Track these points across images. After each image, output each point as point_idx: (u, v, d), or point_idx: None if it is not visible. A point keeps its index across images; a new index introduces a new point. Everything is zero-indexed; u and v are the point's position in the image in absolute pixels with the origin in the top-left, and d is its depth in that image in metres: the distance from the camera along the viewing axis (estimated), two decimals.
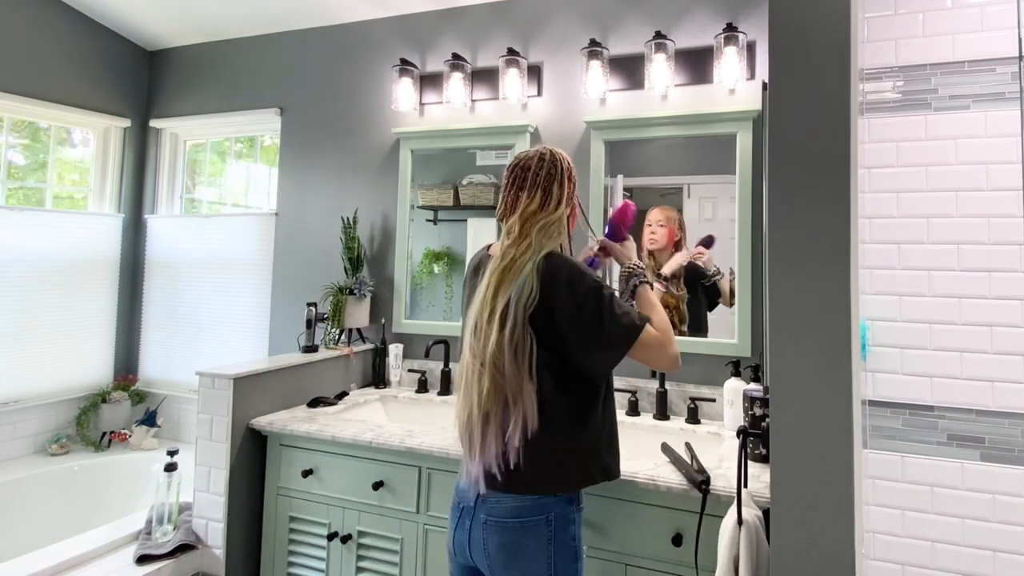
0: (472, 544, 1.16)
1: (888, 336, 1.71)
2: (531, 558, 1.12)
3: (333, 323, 2.28)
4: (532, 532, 1.12)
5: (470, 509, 1.17)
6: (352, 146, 2.55)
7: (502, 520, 1.13)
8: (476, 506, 1.16)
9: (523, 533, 1.12)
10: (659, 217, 2.04)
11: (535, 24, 2.28)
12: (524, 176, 1.22)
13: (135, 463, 2.54)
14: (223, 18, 2.68)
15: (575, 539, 1.16)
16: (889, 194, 1.73)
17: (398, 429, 1.76)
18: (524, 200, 1.20)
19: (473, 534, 1.16)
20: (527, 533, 1.12)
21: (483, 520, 1.15)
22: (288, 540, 1.79)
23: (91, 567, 1.66)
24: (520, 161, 1.24)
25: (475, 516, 1.16)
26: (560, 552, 1.13)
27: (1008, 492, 1.59)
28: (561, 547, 1.14)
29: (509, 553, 1.12)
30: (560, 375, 1.15)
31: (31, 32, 2.57)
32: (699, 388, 1.93)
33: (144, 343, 2.91)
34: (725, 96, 2.00)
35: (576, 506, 1.18)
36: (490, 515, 1.14)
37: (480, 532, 1.15)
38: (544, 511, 1.13)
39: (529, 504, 1.13)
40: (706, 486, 1.31)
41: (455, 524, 1.21)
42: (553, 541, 1.13)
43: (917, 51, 1.72)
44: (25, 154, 2.74)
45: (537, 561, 1.12)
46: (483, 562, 1.15)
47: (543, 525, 1.12)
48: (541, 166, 1.22)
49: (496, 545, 1.13)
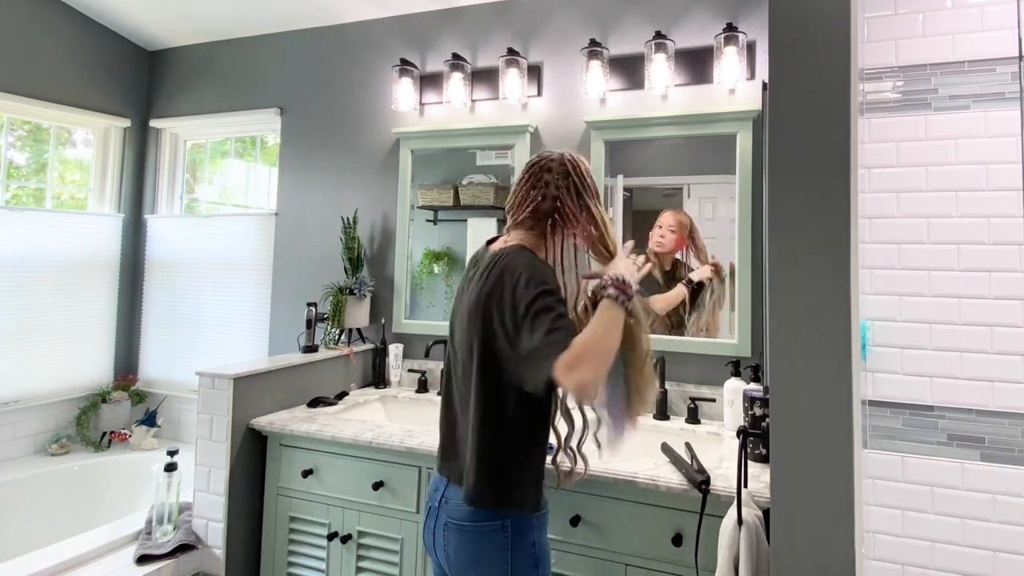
0: (436, 544, 1.17)
1: (888, 336, 1.71)
2: (487, 563, 1.11)
3: (333, 323, 2.28)
4: (488, 538, 1.11)
5: (435, 510, 1.18)
6: (352, 146, 2.55)
7: (459, 523, 1.13)
8: (439, 507, 1.17)
9: (479, 538, 1.11)
10: (671, 222, 2.04)
11: (535, 24, 2.28)
12: (540, 176, 1.20)
13: (135, 463, 2.54)
14: (223, 18, 2.68)
15: (535, 545, 1.14)
16: (889, 194, 1.73)
17: (398, 429, 1.76)
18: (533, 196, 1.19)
19: (436, 535, 1.17)
20: (483, 539, 1.11)
21: (444, 521, 1.15)
22: (288, 540, 1.79)
23: (91, 567, 1.66)
24: (541, 161, 1.21)
25: (438, 517, 1.17)
26: (518, 559, 1.12)
27: (1008, 492, 1.59)
28: (519, 554, 1.12)
29: (467, 557, 1.12)
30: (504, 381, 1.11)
31: (31, 32, 2.57)
32: (699, 388, 1.93)
33: (144, 343, 2.91)
34: (725, 96, 2.00)
35: (535, 512, 1.15)
36: (450, 517, 1.14)
37: (442, 533, 1.15)
38: (500, 517, 1.11)
39: (484, 510, 1.11)
40: (706, 486, 1.31)
41: (424, 522, 1.23)
42: (510, 548, 1.11)
43: (917, 51, 1.71)
44: (25, 154, 2.74)
45: (494, 567, 1.11)
46: (445, 563, 1.16)
47: (499, 532, 1.11)
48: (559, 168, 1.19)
49: (454, 548, 1.13)
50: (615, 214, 2.11)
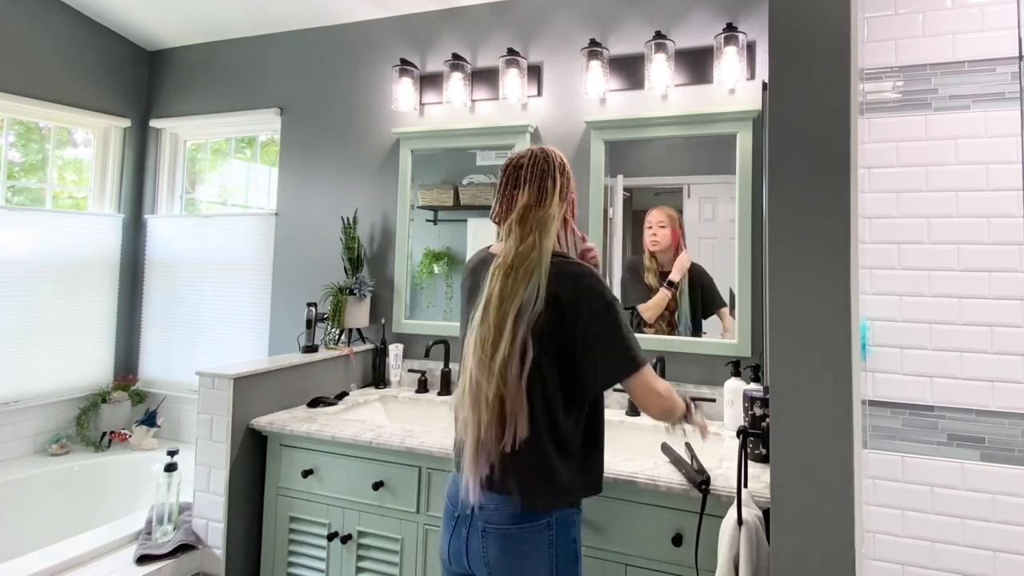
0: (470, 553, 1.15)
1: (888, 336, 1.71)
2: (534, 563, 1.11)
3: (333, 323, 2.28)
4: (533, 537, 1.11)
5: (467, 517, 1.15)
6: (352, 146, 2.55)
7: (502, 527, 1.11)
8: (473, 514, 1.14)
9: (524, 539, 1.11)
10: (660, 218, 2.03)
11: (535, 24, 2.28)
12: (517, 175, 1.21)
13: (135, 463, 2.54)
14: (223, 18, 2.68)
15: (575, 541, 1.16)
16: (889, 194, 1.73)
17: (398, 429, 1.76)
18: (520, 198, 1.19)
19: (471, 542, 1.14)
20: (528, 539, 1.11)
21: (481, 528, 1.13)
22: (288, 540, 1.79)
23: (91, 567, 1.66)
24: (512, 161, 1.24)
25: (472, 524, 1.14)
26: (562, 555, 1.13)
27: (1008, 492, 1.59)
28: (563, 550, 1.13)
29: (511, 560, 1.11)
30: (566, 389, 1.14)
31: (31, 32, 2.57)
32: (699, 388, 1.93)
33: (144, 343, 2.91)
34: (725, 96, 2.00)
35: (576, 507, 1.18)
36: (489, 523, 1.12)
37: (479, 540, 1.13)
38: (545, 516, 1.12)
39: (528, 511, 1.11)
40: (706, 486, 1.31)
41: (450, 532, 1.19)
42: (555, 545, 1.12)
43: (917, 51, 1.71)
44: (25, 154, 2.74)
45: (540, 565, 1.11)
46: (483, 570, 1.14)
47: (544, 530, 1.12)
48: (534, 163, 1.21)
49: (497, 552, 1.11)
50: (615, 214, 2.11)
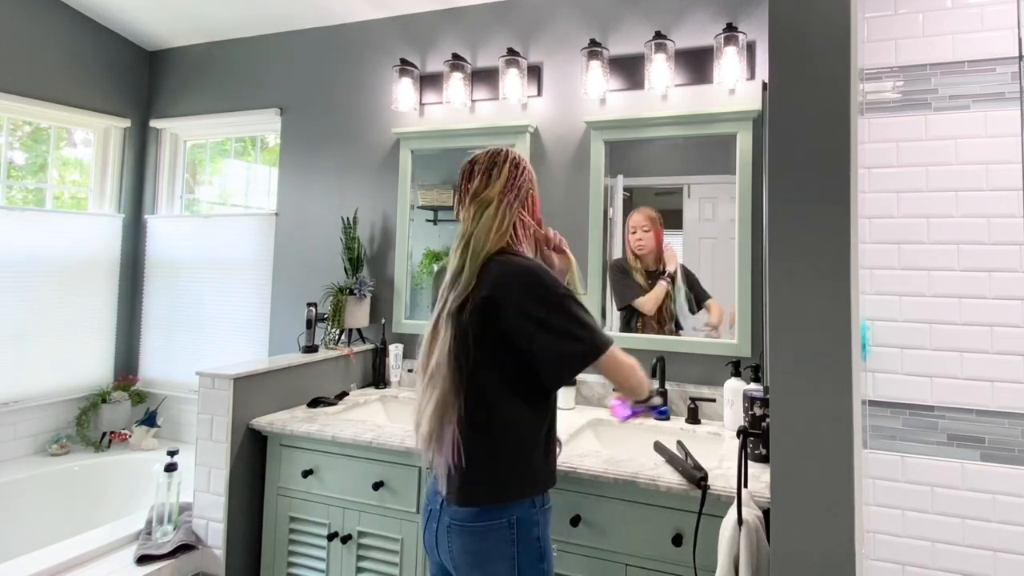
0: (439, 546, 1.17)
1: (888, 336, 1.71)
2: (495, 560, 1.12)
3: (333, 323, 2.28)
4: (494, 536, 1.12)
5: (436, 512, 1.18)
6: (352, 146, 2.55)
7: (465, 524, 1.13)
8: (441, 509, 1.16)
9: (485, 537, 1.12)
10: (642, 221, 2.05)
11: (535, 24, 2.28)
12: (471, 168, 1.25)
13: (135, 463, 2.53)
14: (223, 18, 2.68)
15: (539, 539, 1.16)
16: (889, 194, 1.73)
17: (398, 429, 1.76)
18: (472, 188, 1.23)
19: (439, 537, 1.17)
20: (489, 537, 1.12)
21: (447, 524, 1.15)
22: (288, 540, 1.79)
23: (91, 567, 1.66)
24: (468, 157, 1.28)
25: (440, 519, 1.16)
26: (524, 554, 1.13)
27: (1008, 492, 1.59)
28: (525, 549, 1.13)
29: (473, 556, 1.12)
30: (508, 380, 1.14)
31: (31, 32, 2.57)
32: (699, 388, 1.93)
33: (144, 343, 2.91)
34: (725, 96, 2.00)
35: (539, 507, 1.17)
36: (453, 519, 1.14)
37: (445, 535, 1.15)
38: (506, 514, 1.12)
39: (490, 507, 1.12)
40: (705, 482, 1.31)
41: (424, 525, 1.23)
42: (516, 543, 1.12)
43: (917, 51, 1.72)
44: (25, 154, 2.74)
45: (501, 563, 1.12)
46: (449, 563, 1.16)
47: (505, 529, 1.12)
48: (487, 156, 1.25)
49: (460, 548, 1.13)
50: (615, 214, 2.11)
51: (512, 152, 1.27)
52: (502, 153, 1.26)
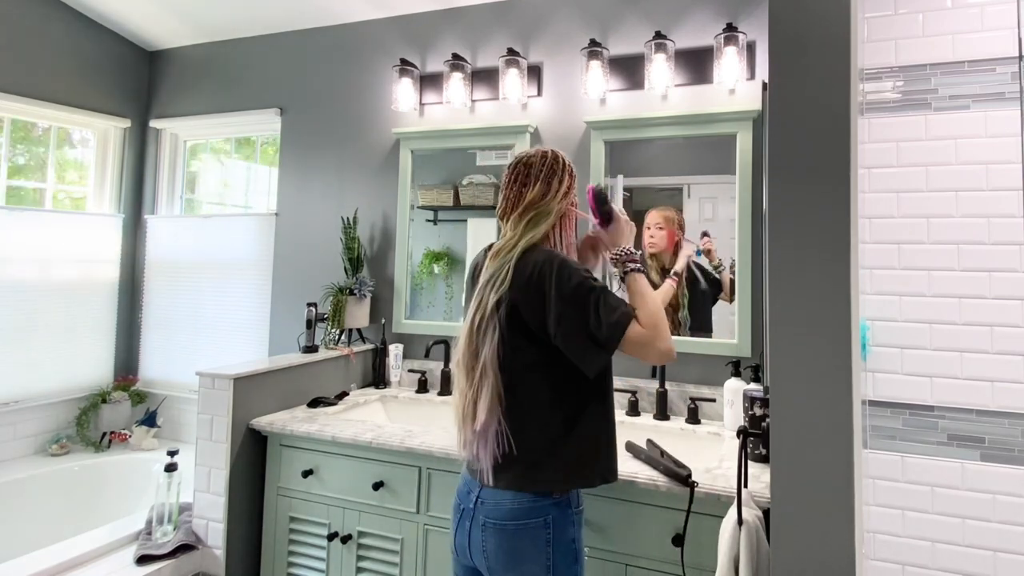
0: (472, 546, 1.17)
1: (888, 336, 1.71)
2: (530, 560, 1.12)
3: (333, 323, 2.28)
4: (530, 535, 1.12)
5: (469, 511, 1.18)
6: (352, 146, 2.55)
7: (500, 522, 1.13)
8: (475, 508, 1.16)
9: (521, 536, 1.12)
10: (658, 219, 2.04)
11: (535, 24, 2.28)
12: (528, 171, 1.22)
13: (135, 463, 2.53)
14: (223, 18, 2.68)
15: (575, 541, 1.16)
16: (889, 194, 1.73)
17: (398, 429, 1.76)
18: (528, 194, 1.21)
19: (472, 536, 1.16)
20: (525, 536, 1.12)
21: (482, 522, 1.15)
22: (288, 540, 1.79)
23: (91, 567, 1.66)
24: (521, 158, 1.25)
25: (474, 518, 1.16)
26: (559, 554, 1.13)
27: (1008, 492, 1.59)
28: (560, 549, 1.13)
29: (508, 556, 1.12)
30: (549, 371, 1.15)
31: (31, 33, 2.57)
32: (699, 388, 1.93)
33: (144, 343, 2.91)
34: (725, 96, 2.00)
35: (575, 508, 1.18)
36: (488, 517, 1.14)
37: (479, 534, 1.15)
38: (542, 513, 1.13)
39: (527, 507, 1.13)
40: (691, 479, 1.32)
41: (456, 525, 1.22)
42: (552, 543, 1.13)
43: (917, 51, 1.72)
44: (25, 154, 2.74)
45: (536, 563, 1.12)
46: (483, 564, 1.16)
47: (541, 528, 1.12)
48: (543, 161, 1.23)
49: (495, 547, 1.13)
50: None
51: (566, 159, 1.26)
52: (560, 160, 1.24)
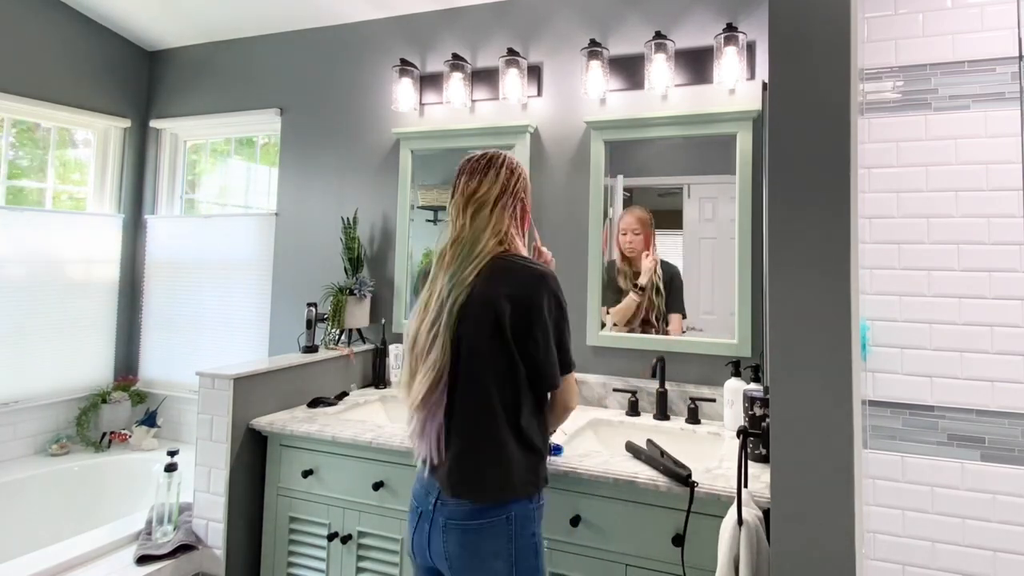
0: (432, 547, 1.17)
1: (888, 336, 1.71)
2: (492, 558, 1.12)
3: (333, 323, 2.28)
4: (492, 532, 1.13)
5: (428, 513, 1.18)
6: (352, 146, 2.55)
7: (462, 523, 1.13)
8: (435, 509, 1.16)
9: (484, 534, 1.13)
10: (633, 224, 2.05)
11: (535, 24, 2.28)
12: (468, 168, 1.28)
13: (135, 463, 2.53)
14: (223, 18, 2.68)
15: (535, 535, 1.18)
16: (889, 194, 1.73)
17: (398, 429, 1.76)
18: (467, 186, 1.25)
19: (432, 538, 1.16)
20: (488, 534, 1.12)
21: (442, 524, 1.15)
22: (288, 540, 1.79)
23: (91, 567, 1.66)
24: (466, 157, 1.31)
25: (433, 520, 1.16)
26: (521, 550, 1.14)
27: (1008, 492, 1.59)
28: (522, 545, 1.15)
29: (471, 554, 1.13)
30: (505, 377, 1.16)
31: (32, 33, 2.57)
32: (699, 388, 1.93)
33: (144, 343, 2.91)
34: (725, 96, 2.00)
35: (536, 503, 1.19)
36: (450, 518, 1.14)
37: (440, 536, 1.15)
38: (504, 511, 1.13)
39: (489, 505, 1.13)
40: (690, 478, 1.32)
41: (413, 528, 1.21)
42: (514, 540, 1.14)
43: (917, 51, 1.72)
44: (25, 154, 2.74)
45: (499, 558, 1.12)
46: (444, 564, 1.16)
47: (503, 525, 1.13)
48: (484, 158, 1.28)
49: (457, 548, 1.13)
50: (615, 214, 2.11)
51: (510, 156, 1.29)
52: (500, 156, 1.28)
